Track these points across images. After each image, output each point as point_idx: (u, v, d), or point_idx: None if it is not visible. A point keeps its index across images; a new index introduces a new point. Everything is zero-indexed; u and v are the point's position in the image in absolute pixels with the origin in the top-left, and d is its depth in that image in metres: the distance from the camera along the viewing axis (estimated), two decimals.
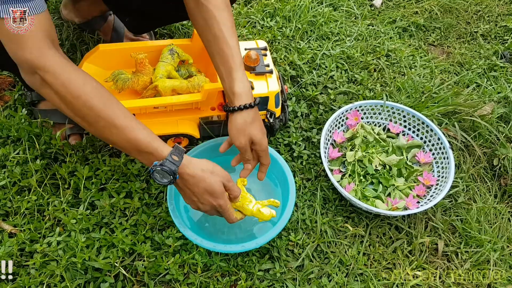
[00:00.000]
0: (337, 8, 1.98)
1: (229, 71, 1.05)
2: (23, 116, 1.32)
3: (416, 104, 1.53)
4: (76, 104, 0.92)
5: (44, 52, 0.89)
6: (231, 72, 1.05)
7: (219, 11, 1.04)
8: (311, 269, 1.17)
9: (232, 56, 1.05)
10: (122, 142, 0.96)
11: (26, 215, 1.18)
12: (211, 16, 1.04)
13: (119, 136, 0.95)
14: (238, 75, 1.05)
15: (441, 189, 1.28)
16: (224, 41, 1.04)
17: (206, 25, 1.05)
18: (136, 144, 0.95)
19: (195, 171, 0.99)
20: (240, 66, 1.05)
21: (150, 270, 1.11)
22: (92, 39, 1.62)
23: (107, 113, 0.92)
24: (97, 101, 0.92)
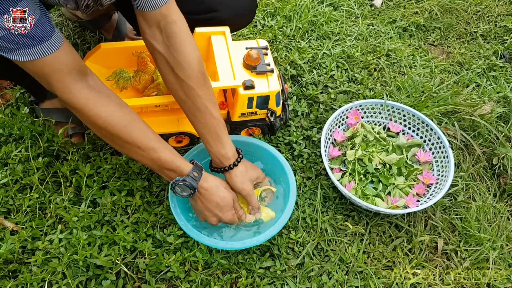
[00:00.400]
0: (337, 8, 1.98)
1: (216, 138, 1.13)
2: (25, 114, 1.33)
3: (416, 104, 1.54)
4: (104, 133, 1.01)
5: (69, 89, 0.94)
6: (218, 139, 1.13)
7: (200, 87, 1.09)
8: (311, 267, 1.18)
9: (217, 126, 1.12)
10: (147, 162, 1.06)
11: (28, 213, 1.19)
12: (193, 93, 1.08)
13: (144, 157, 1.04)
14: (224, 141, 1.14)
15: (441, 188, 1.28)
16: (208, 113, 1.10)
17: (188, 99, 1.10)
18: (160, 163, 1.05)
19: (211, 185, 1.10)
20: (224, 133, 1.14)
21: (151, 267, 1.12)
22: (94, 38, 1.63)
23: (132, 139, 1.00)
24: (123, 131, 0.99)
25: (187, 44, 1.06)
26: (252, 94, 1.28)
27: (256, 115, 1.35)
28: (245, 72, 1.34)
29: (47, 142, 1.28)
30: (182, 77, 1.07)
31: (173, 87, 1.11)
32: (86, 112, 0.96)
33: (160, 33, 1.05)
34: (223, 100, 1.40)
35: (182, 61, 1.05)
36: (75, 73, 0.94)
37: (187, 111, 1.13)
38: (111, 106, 0.98)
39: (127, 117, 1.00)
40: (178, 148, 1.36)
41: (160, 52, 1.06)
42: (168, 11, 1.03)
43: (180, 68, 1.06)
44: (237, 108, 1.31)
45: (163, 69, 1.09)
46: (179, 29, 1.04)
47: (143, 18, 1.04)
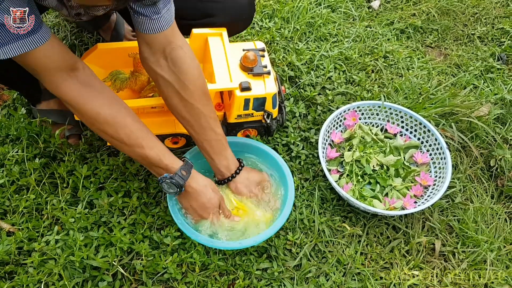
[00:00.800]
0: (335, 10, 1.98)
1: (219, 153, 1.17)
2: (22, 115, 1.33)
3: (413, 105, 1.54)
4: (93, 128, 1.03)
5: (59, 85, 0.96)
6: (221, 154, 1.18)
7: (204, 106, 1.12)
8: (309, 268, 1.18)
9: (220, 142, 1.17)
10: (135, 158, 1.08)
11: (24, 214, 1.18)
12: (197, 112, 1.12)
13: (132, 153, 1.06)
14: (227, 154, 1.19)
15: (438, 189, 1.28)
16: (212, 130, 1.14)
17: (192, 119, 1.13)
18: (147, 161, 1.06)
19: (199, 185, 1.11)
20: (226, 147, 1.18)
21: (148, 269, 1.12)
22: (91, 39, 1.63)
23: (119, 135, 1.01)
24: (110, 127, 1.01)
25: (193, 67, 1.09)
26: (248, 96, 1.28)
27: (253, 117, 1.35)
28: (242, 74, 1.33)
29: (44, 143, 1.28)
30: (189, 99, 1.10)
31: (176, 108, 1.13)
32: (75, 107, 0.98)
33: (165, 59, 1.07)
34: (219, 102, 1.40)
35: (189, 84, 1.08)
36: (65, 69, 0.94)
37: (189, 128, 1.16)
38: (100, 102, 0.99)
39: (116, 113, 1.01)
40: (174, 149, 1.36)
41: (164, 78, 1.08)
42: (173, 37, 1.05)
43: (187, 92, 1.09)
44: (233, 109, 1.31)
45: (167, 92, 1.11)
46: (184, 54, 1.07)
47: (146, 44, 1.05)
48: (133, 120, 1.04)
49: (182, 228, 1.11)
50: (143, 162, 1.09)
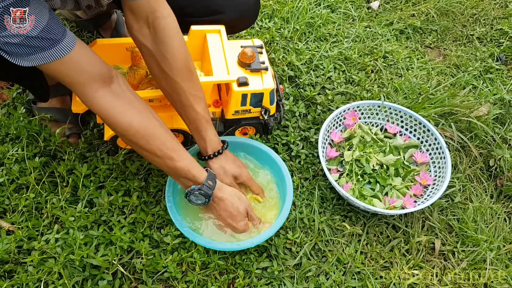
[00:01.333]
0: (334, 10, 1.99)
1: (198, 131, 1.16)
2: (22, 114, 1.32)
3: (413, 105, 1.55)
4: (125, 139, 1.04)
5: (90, 97, 0.95)
6: (199, 132, 1.16)
7: (184, 81, 1.10)
8: (309, 267, 1.18)
9: (200, 121, 1.14)
10: (164, 169, 1.09)
11: (24, 213, 1.18)
12: (176, 86, 1.10)
13: (161, 165, 1.07)
14: (206, 135, 1.17)
15: (438, 189, 1.29)
16: (191, 107, 1.12)
17: (173, 93, 1.12)
18: (176, 172, 1.07)
19: (226, 195, 1.12)
20: (207, 125, 1.16)
21: (148, 267, 1.11)
22: (91, 38, 1.63)
23: (150, 147, 1.02)
24: (141, 139, 1.01)
25: (174, 39, 1.06)
26: (246, 91, 1.28)
27: (250, 113, 1.35)
28: (240, 70, 1.34)
29: (44, 142, 1.28)
30: (168, 71, 1.07)
31: (159, 81, 1.12)
32: (105, 119, 0.98)
33: (147, 27, 1.05)
34: (217, 99, 1.40)
35: (167, 54, 1.06)
36: (96, 80, 0.94)
37: (173, 103, 1.15)
38: (131, 114, 0.99)
39: (147, 125, 1.01)
40: None
41: (146, 47, 1.06)
42: (157, 4, 1.03)
43: (167, 63, 1.06)
44: (231, 105, 1.31)
45: (150, 63, 1.10)
46: (167, 24, 1.04)
47: (130, 11, 1.03)
48: (164, 130, 1.04)
49: (180, 229, 1.11)
50: (171, 173, 1.10)
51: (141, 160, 1.30)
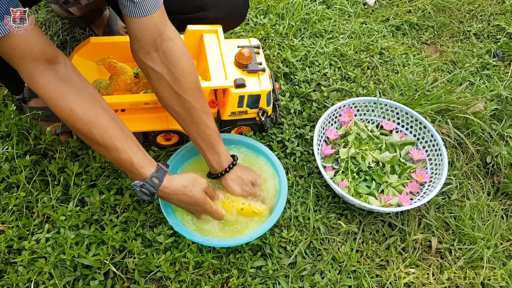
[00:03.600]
0: (330, 6, 1.97)
1: (212, 148, 1.15)
2: (12, 111, 1.30)
3: (409, 102, 1.53)
4: (67, 123, 0.98)
5: (35, 78, 0.92)
6: (213, 149, 1.15)
7: (196, 100, 1.09)
8: (304, 266, 1.16)
9: (213, 136, 1.14)
10: (111, 160, 1.03)
11: (14, 212, 1.16)
12: (189, 106, 1.09)
13: (106, 156, 1.03)
14: (220, 150, 1.16)
15: (435, 186, 1.27)
16: (205, 125, 1.12)
17: (184, 113, 1.11)
18: (120, 164, 1.02)
19: (177, 188, 1.07)
20: (220, 142, 1.16)
21: (140, 267, 1.10)
22: (83, 35, 1.61)
23: (93, 136, 0.97)
24: (84, 126, 0.96)
25: (185, 60, 1.06)
26: (243, 93, 1.27)
27: (247, 114, 1.34)
28: (237, 71, 1.32)
29: (34, 140, 1.26)
30: (180, 92, 1.07)
31: (169, 102, 1.10)
32: (49, 102, 0.94)
33: (155, 51, 1.03)
34: (213, 99, 1.38)
35: (181, 77, 1.05)
36: (42, 61, 0.90)
37: (182, 122, 1.14)
38: (76, 99, 0.95)
39: (90, 112, 0.96)
40: (167, 146, 1.34)
41: (155, 70, 1.05)
42: (164, 27, 1.02)
43: (179, 84, 1.06)
44: (227, 106, 1.29)
45: (159, 85, 1.08)
46: (176, 46, 1.04)
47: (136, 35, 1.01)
48: (109, 118, 0.99)
49: (176, 228, 1.10)
50: (118, 165, 1.04)
51: None
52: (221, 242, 1.11)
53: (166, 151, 1.33)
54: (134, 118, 1.26)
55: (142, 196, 1.04)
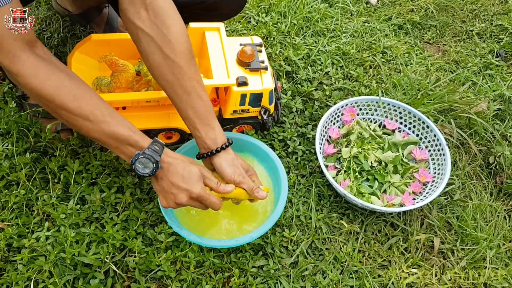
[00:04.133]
0: (332, 5, 1.96)
1: (206, 122, 1.06)
2: (13, 108, 1.29)
3: (412, 101, 1.52)
4: (51, 106, 0.94)
5: (16, 57, 0.88)
6: (207, 123, 1.06)
7: (189, 66, 1.02)
8: (306, 265, 1.16)
9: (207, 109, 1.06)
10: (100, 137, 0.97)
11: (14, 210, 1.15)
12: (181, 72, 1.02)
13: (96, 132, 0.96)
14: (214, 125, 1.07)
15: (437, 186, 1.26)
16: (198, 96, 1.04)
17: (176, 81, 1.03)
18: (115, 138, 0.96)
19: (174, 159, 1.00)
20: (214, 117, 1.07)
21: (141, 266, 1.09)
22: (84, 32, 1.60)
23: (81, 111, 0.93)
24: (71, 103, 0.92)
25: (175, 19, 1.00)
26: (245, 91, 1.26)
27: (249, 113, 1.33)
28: (239, 69, 1.31)
29: (34, 137, 1.25)
30: (171, 55, 1.00)
31: (159, 68, 1.03)
32: (31, 82, 0.90)
33: (145, 10, 0.97)
34: (214, 97, 1.37)
35: (171, 38, 0.99)
36: (22, 40, 0.87)
37: (173, 94, 1.05)
38: (59, 77, 0.92)
39: (77, 88, 0.94)
40: (168, 145, 1.33)
41: (145, 32, 0.99)
42: None
43: (170, 47, 0.99)
44: (229, 105, 1.28)
45: (148, 49, 1.01)
46: (167, 5, 0.99)
47: None
48: (97, 96, 0.96)
49: (175, 229, 1.09)
50: (109, 141, 0.97)
51: None
52: (221, 243, 1.10)
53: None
54: (135, 116, 1.25)
55: (144, 169, 0.97)
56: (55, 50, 1.52)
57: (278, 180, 1.22)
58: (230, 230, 1.17)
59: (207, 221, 1.18)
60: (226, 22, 1.75)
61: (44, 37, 1.55)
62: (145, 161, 0.96)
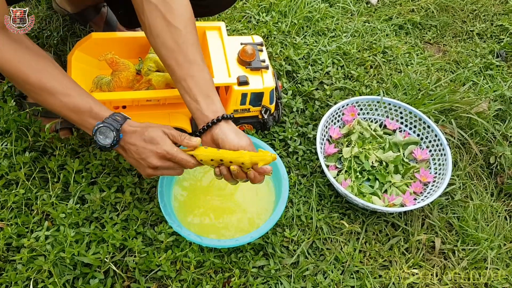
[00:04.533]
0: (333, 5, 1.96)
1: (206, 93, 1.01)
2: (12, 107, 1.28)
3: (412, 101, 1.52)
4: (16, 82, 0.95)
5: None
6: (208, 95, 1.01)
7: (191, 34, 1.01)
8: (306, 266, 1.15)
9: (210, 81, 1.02)
10: (64, 111, 0.97)
11: (13, 209, 1.14)
12: (184, 39, 1.00)
13: (60, 106, 0.96)
14: (216, 98, 1.02)
15: (438, 186, 1.26)
16: (199, 65, 1.01)
17: (177, 48, 1.01)
18: (78, 110, 0.96)
19: (137, 128, 0.97)
20: (215, 90, 1.03)
21: (141, 266, 1.08)
22: (84, 31, 1.59)
23: (44, 86, 0.93)
24: (33, 77, 0.93)
25: None
26: (246, 90, 1.25)
27: (249, 112, 1.32)
28: (240, 68, 1.31)
29: (34, 136, 1.24)
30: (174, 22, 0.99)
31: (160, 36, 1.01)
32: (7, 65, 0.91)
33: None
34: None
35: (174, 6, 0.99)
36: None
37: (174, 64, 1.01)
38: (24, 52, 0.93)
39: (41, 63, 0.94)
40: None
41: (150, 1, 0.99)
42: None
43: (172, 13, 0.99)
44: (230, 104, 1.28)
45: (151, 16, 1.00)
46: None
47: None
48: (59, 70, 0.96)
49: (176, 229, 1.08)
50: (72, 116, 0.96)
51: None
52: (221, 243, 1.09)
53: None
54: (136, 115, 1.24)
55: (106, 140, 0.95)
56: (55, 49, 1.52)
57: (279, 180, 1.21)
58: (230, 229, 1.16)
59: (207, 220, 1.17)
60: (227, 22, 1.74)
61: (44, 35, 1.54)
62: (105, 130, 0.94)
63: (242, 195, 1.23)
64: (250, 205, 1.21)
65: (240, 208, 1.19)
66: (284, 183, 1.18)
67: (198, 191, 1.22)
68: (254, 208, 1.21)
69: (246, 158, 0.95)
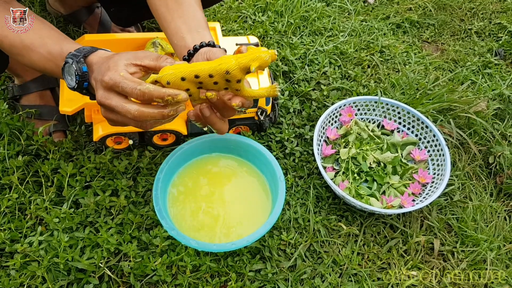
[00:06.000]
0: (330, 4, 1.94)
1: (195, 29, 0.88)
2: (4, 110, 1.27)
3: (410, 101, 1.50)
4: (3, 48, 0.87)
5: None
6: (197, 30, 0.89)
7: None
8: (304, 269, 1.14)
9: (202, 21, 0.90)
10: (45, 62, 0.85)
11: (6, 214, 1.13)
12: None
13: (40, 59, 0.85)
14: (206, 36, 0.89)
15: (437, 187, 1.25)
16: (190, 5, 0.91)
17: None
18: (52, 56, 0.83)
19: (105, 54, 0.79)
20: (207, 29, 0.91)
21: (136, 271, 1.07)
22: (78, 32, 1.57)
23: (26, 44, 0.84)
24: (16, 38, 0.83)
25: None
26: None
27: (245, 114, 1.31)
28: None
29: (27, 139, 1.22)
30: None
31: None
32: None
33: None
34: None
35: None
36: None
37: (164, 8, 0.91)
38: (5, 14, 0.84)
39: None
40: (163, 146, 1.31)
41: None
42: None
43: None
44: None
45: None
46: None
47: None
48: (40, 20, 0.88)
49: (171, 233, 1.06)
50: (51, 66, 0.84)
51: (129, 158, 1.25)
52: (218, 247, 1.08)
53: (162, 151, 1.30)
54: None
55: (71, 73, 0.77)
56: None
57: (276, 182, 1.19)
58: (227, 233, 1.15)
59: (203, 224, 1.16)
60: (222, 22, 1.73)
61: None
62: (69, 67, 0.77)
63: (238, 197, 1.21)
64: (247, 208, 1.19)
65: (237, 211, 1.17)
66: (280, 185, 1.17)
67: (194, 194, 1.21)
68: (251, 211, 1.19)
69: (231, 63, 0.68)
